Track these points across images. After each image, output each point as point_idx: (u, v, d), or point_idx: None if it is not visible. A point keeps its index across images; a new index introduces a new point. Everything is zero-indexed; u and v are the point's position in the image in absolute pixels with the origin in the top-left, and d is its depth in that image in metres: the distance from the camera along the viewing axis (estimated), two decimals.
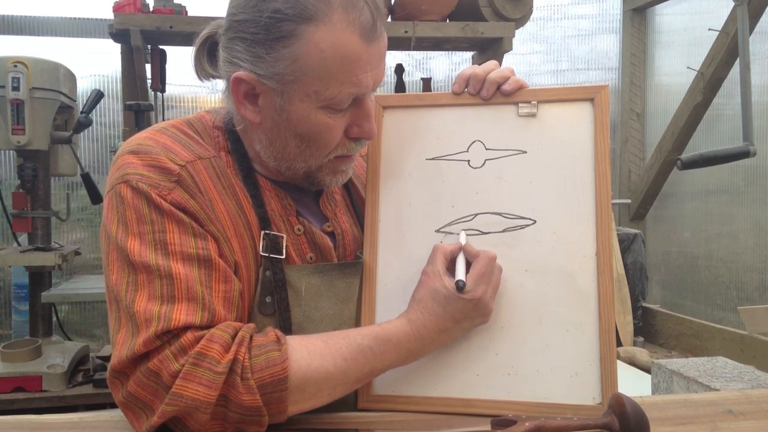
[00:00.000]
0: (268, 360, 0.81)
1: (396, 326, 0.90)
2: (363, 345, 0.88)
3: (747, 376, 1.51)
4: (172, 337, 0.81)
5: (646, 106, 3.73)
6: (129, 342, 0.82)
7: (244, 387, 0.79)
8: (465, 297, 0.89)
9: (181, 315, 0.82)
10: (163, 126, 0.97)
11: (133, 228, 0.86)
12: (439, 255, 0.93)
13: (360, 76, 0.88)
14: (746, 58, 2.38)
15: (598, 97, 0.98)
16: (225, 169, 0.95)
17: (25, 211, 2.55)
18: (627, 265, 3.05)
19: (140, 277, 0.84)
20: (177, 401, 0.78)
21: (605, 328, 0.93)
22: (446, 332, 0.92)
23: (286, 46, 0.86)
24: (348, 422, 0.92)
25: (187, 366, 0.79)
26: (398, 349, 0.90)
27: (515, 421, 0.82)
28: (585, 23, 3.75)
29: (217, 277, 0.87)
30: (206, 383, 0.78)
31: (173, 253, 0.85)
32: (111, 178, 0.91)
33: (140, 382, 0.81)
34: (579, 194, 0.97)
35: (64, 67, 2.59)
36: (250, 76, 0.89)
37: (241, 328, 0.84)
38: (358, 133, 0.94)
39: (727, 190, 3.11)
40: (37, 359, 2.45)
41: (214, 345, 0.80)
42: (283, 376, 0.81)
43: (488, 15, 2.81)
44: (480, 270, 0.91)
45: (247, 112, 0.93)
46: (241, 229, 0.93)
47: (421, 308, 0.91)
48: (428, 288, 0.91)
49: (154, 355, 0.80)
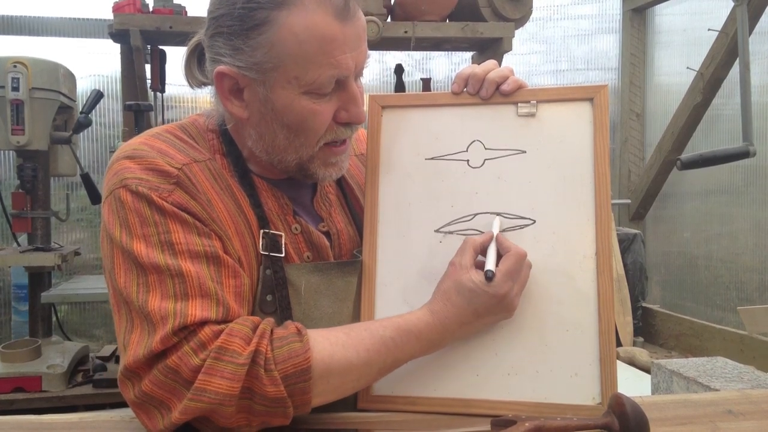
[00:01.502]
0: (291, 351, 0.82)
1: (418, 317, 0.91)
2: (385, 336, 0.88)
3: (747, 377, 1.51)
4: (189, 333, 0.81)
5: (646, 106, 3.74)
6: (145, 341, 0.82)
7: (268, 378, 0.80)
8: (490, 292, 0.89)
9: (196, 311, 0.82)
10: (157, 131, 0.97)
11: (137, 231, 0.86)
12: (468, 247, 0.93)
13: (338, 57, 0.88)
14: (746, 59, 2.38)
15: (598, 97, 0.98)
16: (221, 170, 0.95)
17: (24, 211, 2.55)
18: (627, 266, 3.05)
19: (150, 278, 0.84)
20: (201, 396, 0.78)
21: (605, 329, 0.93)
22: (468, 325, 0.91)
23: (262, 33, 0.86)
24: (348, 422, 0.92)
25: (209, 360, 0.79)
26: (420, 340, 0.90)
27: (515, 421, 0.82)
28: (585, 23, 3.75)
29: (226, 272, 0.87)
30: (229, 376, 0.78)
31: (181, 253, 0.85)
32: (108, 184, 0.91)
33: (157, 380, 0.81)
34: (578, 194, 0.97)
35: (63, 67, 2.59)
36: (231, 69, 0.90)
37: (260, 322, 0.85)
38: (346, 118, 0.94)
39: (727, 190, 3.11)
40: (36, 359, 2.45)
41: (234, 338, 0.80)
42: (306, 366, 0.81)
43: (488, 15, 2.81)
44: (509, 266, 0.90)
45: (234, 107, 0.93)
46: (242, 227, 0.93)
47: (444, 300, 0.91)
48: (454, 280, 0.91)
49: (172, 352, 0.80)
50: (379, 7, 2.72)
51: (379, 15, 2.70)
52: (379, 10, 2.72)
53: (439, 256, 0.97)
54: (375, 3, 2.71)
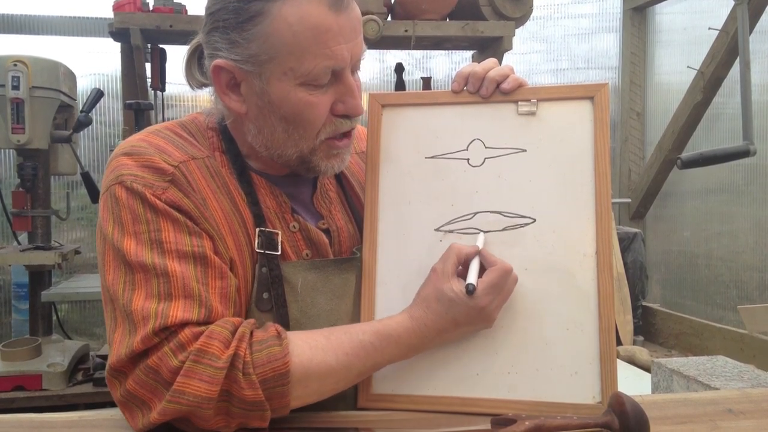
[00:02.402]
0: (270, 355, 0.82)
1: (397, 322, 0.91)
2: (364, 341, 0.88)
3: (747, 375, 1.51)
4: (170, 334, 0.81)
5: (646, 105, 3.74)
6: (127, 340, 0.82)
7: (246, 382, 0.80)
8: (470, 303, 0.89)
9: (178, 312, 0.82)
10: (157, 128, 0.98)
11: (128, 228, 0.87)
12: (452, 255, 0.93)
13: (333, 47, 0.88)
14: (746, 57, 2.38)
15: (598, 96, 0.98)
16: (219, 168, 0.96)
17: (24, 210, 2.55)
18: (627, 264, 3.05)
19: (137, 277, 0.85)
20: (179, 398, 0.79)
21: (605, 327, 0.93)
22: (446, 333, 0.92)
23: (257, 25, 0.87)
24: (348, 421, 0.92)
25: (188, 363, 0.79)
26: (399, 345, 0.90)
27: (515, 420, 0.82)
28: (585, 22, 3.75)
29: (213, 273, 0.88)
30: (207, 379, 0.79)
31: (169, 252, 0.86)
32: (106, 180, 0.92)
33: (139, 379, 0.81)
34: (579, 193, 0.97)
35: (63, 66, 2.59)
36: (228, 63, 0.90)
37: (240, 324, 0.85)
38: (343, 110, 0.94)
39: (727, 189, 3.11)
40: (37, 358, 2.45)
41: (213, 341, 0.81)
42: (284, 370, 0.82)
43: (488, 14, 2.80)
44: (493, 280, 0.90)
45: (232, 102, 0.93)
46: (236, 226, 0.93)
47: (424, 306, 0.91)
48: (434, 287, 0.91)
49: (153, 353, 0.81)
50: (379, 6, 2.72)
51: (380, 14, 2.70)
52: (380, 8, 2.72)
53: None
54: (375, 2, 2.71)
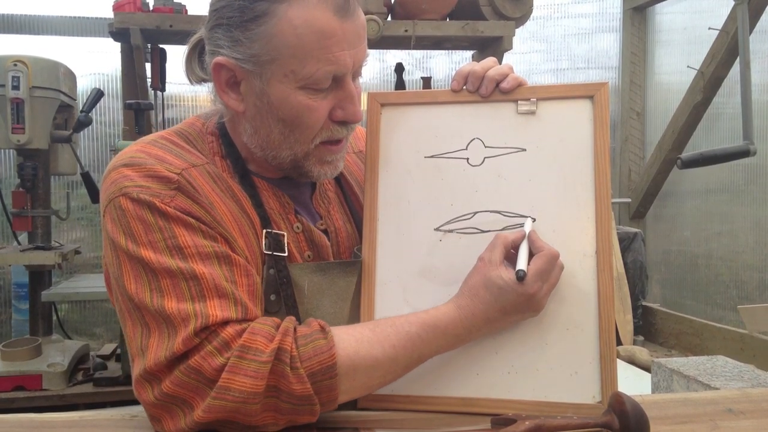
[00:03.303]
0: (316, 348, 0.82)
1: (444, 312, 0.90)
2: (411, 332, 0.88)
3: (747, 375, 1.51)
4: (211, 333, 0.81)
5: (646, 104, 3.74)
6: (166, 343, 0.82)
7: (295, 376, 0.80)
8: (519, 290, 0.88)
9: (216, 311, 0.82)
10: (152, 138, 0.97)
11: (142, 238, 0.86)
12: (499, 243, 0.92)
13: (336, 53, 0.88)
14: (746, 57, 2.38)
15: (598, 95, 0.98)
16: (220, 173, 0.95)
17: (25, 210, 2.55)
18: (627, 264, 3.05)
19: (163, 283, 0.84)
20: (224, 394, 0.78)
21: (605, 327, 0.93)
22: (494, 322, 0.91)
23: (261, 25, 0.87)
24: (348, 421, 0.92)
25: (232, 359, 0.79)
26: (446, 336, 0.90)
27: (515, 419, 0.82)
28: (585, 22, 3.75)
29: (239, 272, 0.88)
30: (252, 374, 0.79)
31: (191, 256, 0.85)
32: (106, 193, 0.90)
33: (179, 381, 0.81)
34: (579, 192, 0.97)
35: (64, 65, 2.59)
36: (229, 60, 0.90)
37: (281, 321, 0.85)
38: (342, 116, 0.93)
39: (727, 188, 3.11)
40: (37, 358, 2.45)
41: (257, 337, 0.81)
42: (331, 363, 0.82)
43: (488, 14, 2.81)
44: (541, 266, 0.90)
45: (230, 100, 0.93)
46: (246, 228, 0.93)
47: (471, 295, 0.91)
48: (482, 276, 0.91)
49: (194, 353, 0.81)
50: (379, 6, 2.72)
51: (380, 14, 2.70)
52: (380, 8, 2.72)
53: (439, 255, 0.97)
54: (375, 2, 2.71)
